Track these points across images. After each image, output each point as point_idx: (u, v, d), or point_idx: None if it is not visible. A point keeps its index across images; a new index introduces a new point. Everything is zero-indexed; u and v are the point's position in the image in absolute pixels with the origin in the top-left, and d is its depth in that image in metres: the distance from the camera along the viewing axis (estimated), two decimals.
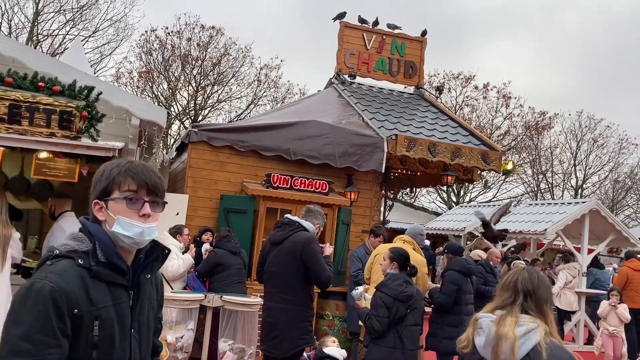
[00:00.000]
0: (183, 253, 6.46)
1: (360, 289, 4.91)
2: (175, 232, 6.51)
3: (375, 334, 4.49)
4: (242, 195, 7.41)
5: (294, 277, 4.41)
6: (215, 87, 25.85)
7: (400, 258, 4.73)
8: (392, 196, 9.92)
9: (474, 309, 5.82)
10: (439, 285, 6.23)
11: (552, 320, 2.33)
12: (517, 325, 2.24)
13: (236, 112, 27.28)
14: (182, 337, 5.58)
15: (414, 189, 10.06)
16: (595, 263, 12.23)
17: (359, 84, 9.95)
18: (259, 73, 26.53)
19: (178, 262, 6.21)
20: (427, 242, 14.22)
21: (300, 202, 7.03)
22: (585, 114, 30.63)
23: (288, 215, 4.85)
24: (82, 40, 20.74)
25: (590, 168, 31.05)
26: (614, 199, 31.69)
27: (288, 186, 7.29)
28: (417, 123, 8.73)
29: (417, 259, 5.59)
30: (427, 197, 29.46)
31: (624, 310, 8.17)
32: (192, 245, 6.74)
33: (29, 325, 1.48)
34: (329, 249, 4.71)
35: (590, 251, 11.80)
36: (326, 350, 5.01)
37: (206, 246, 6.72)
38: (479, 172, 9.19)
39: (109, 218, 1.70)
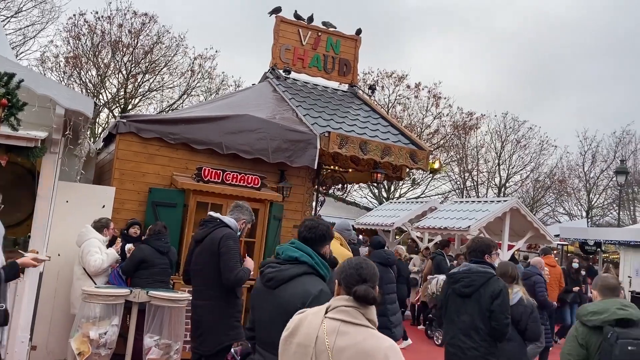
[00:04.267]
0: (108, 247, 6.29)
1: None
2: (102, 226, 6.32)
3: None
4: (172, 189, 7.29)
5: (215, 274, 4.41)
6: (147, 75, 25.17)
7: None
8: (324, 192, 10.04)
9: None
10: None
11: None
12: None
13: (168, 102, 26.69)
14: (105, 333, 5.44)
15: (345, 185, 10.23)
16: (513, 258, 12.88)
17: (294, 79, 9.99)
18: (193, 63, 26.06)
19: (101, 256, 6.04)
20: (360, 237, 14.52)
21: (232, 196, 6.99)
22: (510, 115, 32.07)
23: (211, 213, 4.87)
24: (2, 21, 19.63)
25: (513, 167, 32.53)
26: (534, 197, 33.33)
27: (219, 180, 7.23)
28: (350, 121, 8.88)
29: (344, 253, 5.72)
30: (359, 192, 29.95)
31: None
32: (118, 239, 6.57)
33: None
34: (249, 263, 4.72)
35: (510, 247, 12.42)
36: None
37: (129, 246, 6.55)
38: (407, 170, 9.45)
39: None
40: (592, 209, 32.90)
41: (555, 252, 21.58)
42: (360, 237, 14.89)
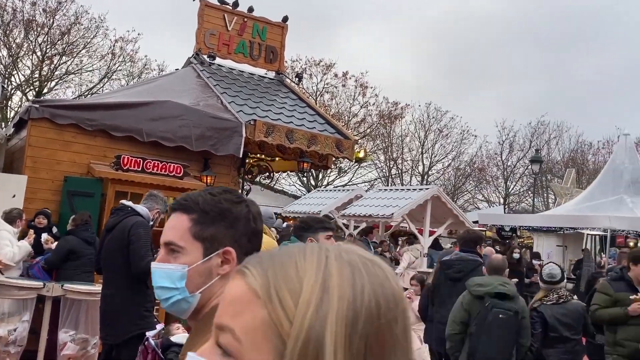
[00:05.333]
0: (19, 239, 5.95)
1: None
2: (14, 217, 5.96)
3: None
4: (89, 178, 6.98)
5: (124, 263, 4.33)
6: (64, 57, 23.93)
7: None
8: (249, 180, 9.95)
9: None
10: None
11: None
12: None
13: (87, 85, 25.53)
14: (15, 330, 5.16)
15: (272, 174, 10.20)
16: (436, 245, 13.32)
17: (219, 65, 9.78)
18: (114, 46, 25.05)
19: (12, 249, 5.71)
20: (285, 224, 14.53)
21: (153, 186, 6.78)
22: (433, 105, 33.03)
23: (123, 201, 4.75)
24: None
25: (435, 156, 33.60)
26: (455, 185, 34.61)
27: (139, 169, 7.00)
28: (277, 109, 8.82)
29: (268, 241, 5.74)
30: (287, 180, 29.98)
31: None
32: (31, 231, 6.23)
33: None
34: None
35: (431, 233, 12.84)
36: (172, 338, 4.93)
37: (45, 237, 6.23)
38: (333, 159, 9.54)
39: None
40: (509, 196, 34.57)
41: None
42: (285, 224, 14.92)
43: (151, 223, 4.59)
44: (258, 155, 9.70)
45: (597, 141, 34.39)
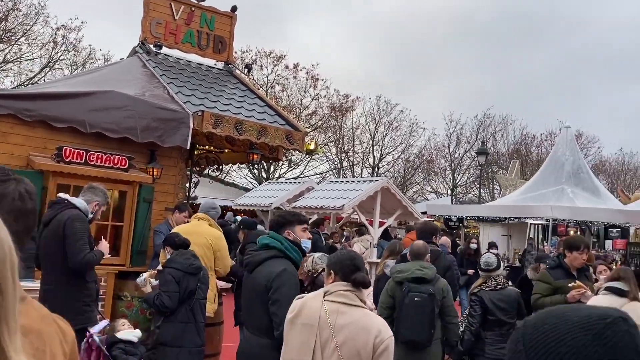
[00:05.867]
0: None
1: (145, 274, 4.88)
2: None
3: (167, 310, 4.50)
4: (28, 170, 6.69)
5: (60, 257, 4.24)
6: (1, 45, 22.88)
7: (165, 241, 5.01)
8: (197, 172, 9.79)
9: None
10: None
11: None
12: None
13: (27, 75, 24.51)
14: None
15: (221, 166, 10.06)
16: (385, 235, 13.50)
17: (166, 55, 9.55)
18: (55, 34, 24.12)
19: None
20: (237, 217, 14.40)
21: (97, 178, 6.57)
22: (383, 98, 33.40)
23: (60, 194, 4.62)
24: None
25: (385, 148, 34.03)
26: (404, 176, 35.17)
27: (82, 161, 6.76)
28: (225, 100, 8.69)
29: (213, 233, 5.70)
30: (238, 172, 29.72)
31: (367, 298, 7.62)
32: None
33: None
34: (103, 246, 4.56)
35: (381, 224, 13.00)
36: (118, 335, 4.82)
37: None
38: (284, 150, 9.50)
39: None
40: (456, 187, 35.41)
41: None
42: (239, 217, 14.79)
43: (90, 216, 4.47)
44: (206, 147, 9.55)
45: (540, 134, 35.67)
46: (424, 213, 19.45)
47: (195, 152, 9.09)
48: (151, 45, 9.30)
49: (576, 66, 61.52)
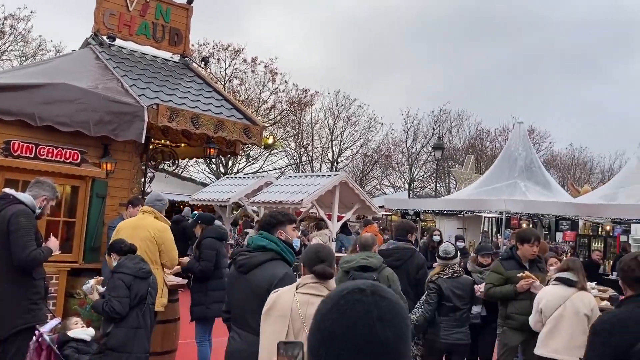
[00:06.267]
0: None
1: (92, 282, 4.77)
2: None
3: (117, 316, 4.39)
4: None
5: (5, 254, 4.09)
6: None
7: (111, 248, 4.89)
8: (153, 167, 9.61)
9: None
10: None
11: None
12: None
13: None
14: None
15: (177, 160, 9.90)
16: (344, 229, 13.59)
17: (120, 47, 9.32)
18: (3, 24, 23.21)
19: None
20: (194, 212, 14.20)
21: (47, 173, 6.37)
22: (342, 93, 33.53)
23: (5, 189, 4.46)
24: None
25: (344, 143, 34.21)
26: (363, 171, 35.45)
27: (32, 155, 6.55)
28: (181, 93, 8.56)
29: (156, 225, 5.62)
30: (196, 167, 29.35)
31: None
32: None
33: None
34: (52, 243, 4.42)
35: (340, 218, 13.08)
36: (70, 333, 4.70)
37: None
38: (241, 145, 9.42)
39: None
40: (413, 182, 35.90)
41: (380, 221, 23.22)
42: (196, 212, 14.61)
43: (38, 211, 4.33)
44: (162, 141, 9.39)
45: (495, 129, 36.50)
46: (382, 207, 19.68)
47: (151, 147, 8.92)
48: (104, 37, 9.07)
49: (529, 63, 63.22)
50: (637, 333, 2.64)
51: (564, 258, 8.07)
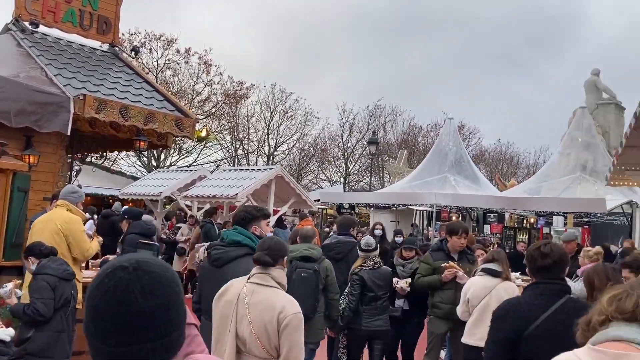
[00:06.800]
0: None
1: (10, 285, 4.55)
2: None
3: (42, 318, 4.20)
4: None
5: None
6: None
7: (29, 251, 4.69)
8: (80, 160, 9.25)
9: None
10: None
11: None
12: None
13: None
14: None
15: (105, 153, 9.57)
16: (280, 223, 13.56)
17: (44, 34, 8.88)
18: None
19: None
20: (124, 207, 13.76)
21: None
22: (278, 87, 33.40)
23: None
24: None
25: (280, 137, 34.14)
26: (300, 165, 35.51)
27: None
28: (110, 84, 8.26)
29: (64, 217, 5.40)
30: (126, 160, 28.47)
31: None
32: None
33: None
34: None
35: (275, 212, 13.03)
36: None
37: None
38: (173, 137, 9.21)
39: None
40: (349, 175, 36.32)
41: (316, 215, 23.36)
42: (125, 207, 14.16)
43: None
44: (89, 132, 9.04)
45: (427, 124, 37.48)
46: (317, 201, 19.81)
47: (77, 139, 8.57)
48: (26, 23, 8.61)
49: (461, 60, 65.21)
50: (528, 318, 2.76)
51: (491, 249, 8.37)
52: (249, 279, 3.11)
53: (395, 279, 5.93)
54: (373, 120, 35.94)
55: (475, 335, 4.90)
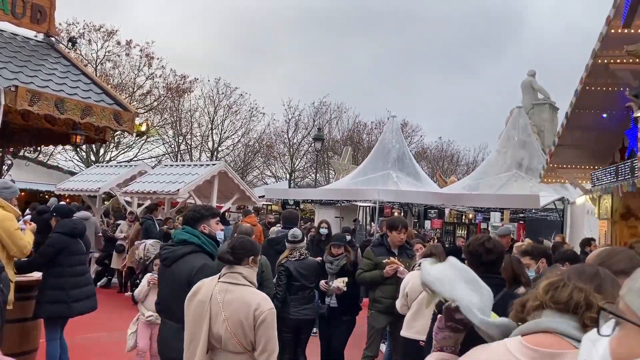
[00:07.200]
0: None
1: None
2: None
3: None
4: None
5: None
6: None
7: None
8: (12, 154, 8.85)
9: None
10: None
11: None
12: None
13: None
14: None
15: (40, 147, 9.19)
16: (223, 220, 13.44)
17: None
18: None
19: None
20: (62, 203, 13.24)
21: None
22: (222, 81, 32.98)
23: None
24: None
25: (225, 132, 33.76)
26: (245, 161, 35.23)
27: None
28: (45, 75, 7.94)
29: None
30: (64, 154, 27.47)
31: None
32: None
33: None
34: None
35: (218, 208, 12.90)
36: None
37: None
38: (112, 132, 8.95)
39: None
40: (294, 172, 36.33)
41: (261, 211, 23.27)
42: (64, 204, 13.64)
43: None
44: (22, 126, 8.66)
45: (371, 122, 37.92)
46: (262, 197, 19.72)
47: (9, 132, 8.20)
48: None
49: (404, 59, 66.33)
50: None
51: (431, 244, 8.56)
52: (219, 278, 3.20)
53: (336, 281, 5.94)
54: (319, 117, 36.09)
55: (414, 328, 5.01)
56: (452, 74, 68.54)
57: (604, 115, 10.14)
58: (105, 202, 15.61)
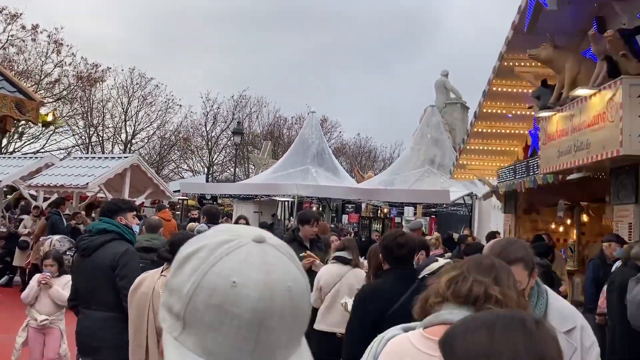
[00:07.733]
0: None
1: None
2: None
3: None
4: None
5: None
6: None
7: None
8: None
9: None
10: None
11: None
12: None
13: None
14: None
15: None
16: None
17: None
18: None
19: None
20: None
21: None
22: (137, 71, 31.82)
23: None
24: None
25: (139, 124, 32.63)
26: (160, 154, 34.22)
27: None
28: None
29: None
30: None
31: (60, 290, 5.18)
32: None
33: None
34: None
35: None
36: None
37: None
38: (13, 121, 8.41)
39: None
40: (212, 166, 35.73)
41: (177, 206, 22.72)
42: None
43: None
44: None
45: (291, 117, 37.97)
46: (178, 191, 19.27)
47: None
48: None
49: (325, 56, 66.98)
50: (389, 300, 3.02)
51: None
52: (162, 272, 3.28)
53: None
54: (238, 111, 35.67)
55: (327, 320, 5.07)
56: (371, 72, 70.04)
57: (509, 115, 10.71)
58: (8, 196, 14.67)
